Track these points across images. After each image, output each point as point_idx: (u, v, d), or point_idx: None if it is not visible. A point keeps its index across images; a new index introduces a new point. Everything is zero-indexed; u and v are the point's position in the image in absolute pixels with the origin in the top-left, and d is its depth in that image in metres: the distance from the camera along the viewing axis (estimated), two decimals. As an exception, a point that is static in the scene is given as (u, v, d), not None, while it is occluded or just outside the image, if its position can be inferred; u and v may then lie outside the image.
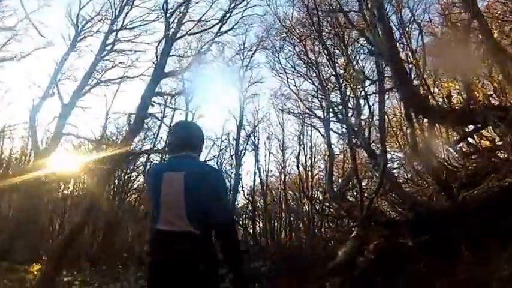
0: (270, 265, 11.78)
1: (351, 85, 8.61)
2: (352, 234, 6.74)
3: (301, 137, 15.29)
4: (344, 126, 9.38)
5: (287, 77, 12.91)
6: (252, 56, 16.01)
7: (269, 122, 18.30)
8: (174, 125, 2.62)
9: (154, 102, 7.90)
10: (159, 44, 9.13)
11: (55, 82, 9.62)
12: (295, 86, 12.93)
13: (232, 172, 15.97)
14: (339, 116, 9.25)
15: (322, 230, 13.80)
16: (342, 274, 5.88)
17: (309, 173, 14.41)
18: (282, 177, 16.38)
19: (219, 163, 16.47)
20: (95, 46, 10.61)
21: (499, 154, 8.28)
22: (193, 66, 12.39)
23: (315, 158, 15.23)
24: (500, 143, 8.39)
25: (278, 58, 13.09)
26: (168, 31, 8.67)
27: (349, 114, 8.95)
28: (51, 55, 12.25)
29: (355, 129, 8.28)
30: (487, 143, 8.97)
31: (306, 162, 14.65)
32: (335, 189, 9.08)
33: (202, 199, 1.99)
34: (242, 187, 17.00)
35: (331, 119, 9.82)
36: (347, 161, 12.24)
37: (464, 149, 9.73)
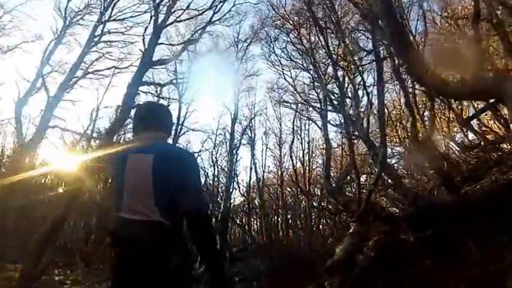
0: (268, 263, 11.62)
1: (348, 74, 8.27)
2: (350, 230, 6.46)
3: (299, 131, 14.96)
4: (342, 116, 9.05)
5: (282, 69, 12.75)
6: (247, 48, 15.64)
7: (266, 116, 17.94)
8: (138, 106, 2.37)
9: (141, 91, 7.51)
10: (145, 30, 8.89)
11: (41, 74, 9.27)
12: (291, 77, 12.74)
13: (227, 167, 15.67)
14: (336, 105, 8.89)
15: (321, 227, 13.61)
16: (341, 273, 5.60)
17: (307, 168, 14.11)
18: (279, 172, 16.13)
19: (214, 158, 16.24)
20: (84, 39, 10.30)
21: (501, 147, 8.08)
22: (186, 56, 12.15)
23: (312, 152, 14.96)
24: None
25: (273, 49, 12.89)
26: (156, 16, 8.28)
27: (347, 104, 8.62)
28: (43, 49, 11.98)
29: (354, 119, 7.95)
30: (489, 136, 8.78)
31: (303, 157, 14.38)
32: (332, 184, 8.78)
33: (173, 185, 1.72)
34: (238, 183, 16.73)
35: (328, 108, 9.51)
36: (345, 155, 11.98)
37: (465, 143, 9.58)
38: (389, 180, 7.31)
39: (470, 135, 9.51)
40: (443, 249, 5.01)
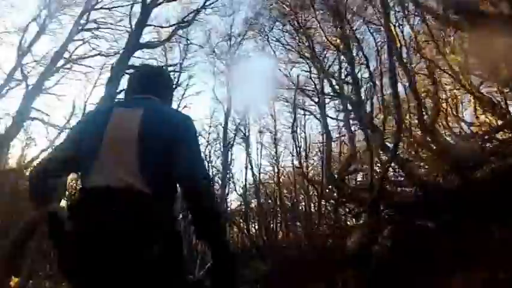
0: (270, 265, 11.34)
1: (349, 59, 7.89)
2: (360, 221, 6.14)
3: (295, 128, 14.53)
4: (341, 102, 8.69)
5: (278, 61, 12.39)
6: (240, 43, 15.15)
7: (260, 113, 17.45)
8: (136, 68, 1.91)
9: (127, 73, 6.91)
10: (132, 8, 8.30)
11: (20, 64, 8.63)
12: (286, 69, 12.28)
13: (221, 165, 15.20)
14: (336, 88, 8.46)
15: (320, 228, 13.31)
16: (355, 266, 5.28)
17: (304, 164, 13.75)
18: (276, 170, 15.73)
19: (207, 157, 15.72)
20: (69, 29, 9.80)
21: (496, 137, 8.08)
22: (177, 52, 11.69)
23: (309, 150, 14.61)
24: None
25: (267, 40, 12.25)
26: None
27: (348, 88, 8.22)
28: (25, 39, 11.17)
29: (354, 99, 7.50)
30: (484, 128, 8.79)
31: (299, 154, 13.99)
32: (334, 174, 8.39)
33: (165, 147, 1.33)
34: (234, 183, 16.28)
35: (328, 97, 9.16)
36: (343, 151, 11.74)
37: (462, 134, 9.61)
38: (397, 168, 7.04)
39: (465, 127, 9.59)
40: (462, 234, 4.80)
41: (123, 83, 6.98)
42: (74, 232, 1.24)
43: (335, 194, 8.69)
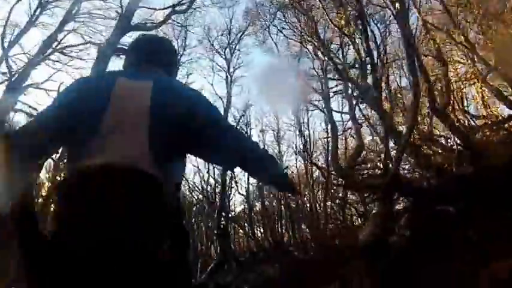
0: (278, 267, 11.07)
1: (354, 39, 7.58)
2: (373, 212, 5.79)
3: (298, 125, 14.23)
4: (346, 90, 8.42)
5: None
6: (240, 38, 14.92)
7: (262, 112, 17.16)
8: (136, 39, 1.64)
9: (116, 54, 6.58)
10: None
11: (6, 56, 8.24)
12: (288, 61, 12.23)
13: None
14: (339, 68, 8.14)
15: (327, 228, 13.05)
16: (369, 259, 4.93)
17: (308, 161, 13.43)
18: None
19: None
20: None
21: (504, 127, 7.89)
22: (175, 46, 11.51)
23: (313, 148, 14.30)
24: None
25: (269, 33, 12.40)
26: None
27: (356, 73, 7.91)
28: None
29: (360, 82, 7.19)
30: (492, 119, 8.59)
31: (305, 152, 13.68)
32: (342, 165, 8.06)
33: (179, 123, 1.18)
34: (236, 183, 15.97)
35: (333, 79, 8.91)
36: (348, 146, 11.49)
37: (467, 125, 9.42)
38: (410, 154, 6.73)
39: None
40: (481, 221, 4.50)
41: (111, 66, 6.73)
42: (66, 220, 1.03)
43: (341, 193, 8.41)
